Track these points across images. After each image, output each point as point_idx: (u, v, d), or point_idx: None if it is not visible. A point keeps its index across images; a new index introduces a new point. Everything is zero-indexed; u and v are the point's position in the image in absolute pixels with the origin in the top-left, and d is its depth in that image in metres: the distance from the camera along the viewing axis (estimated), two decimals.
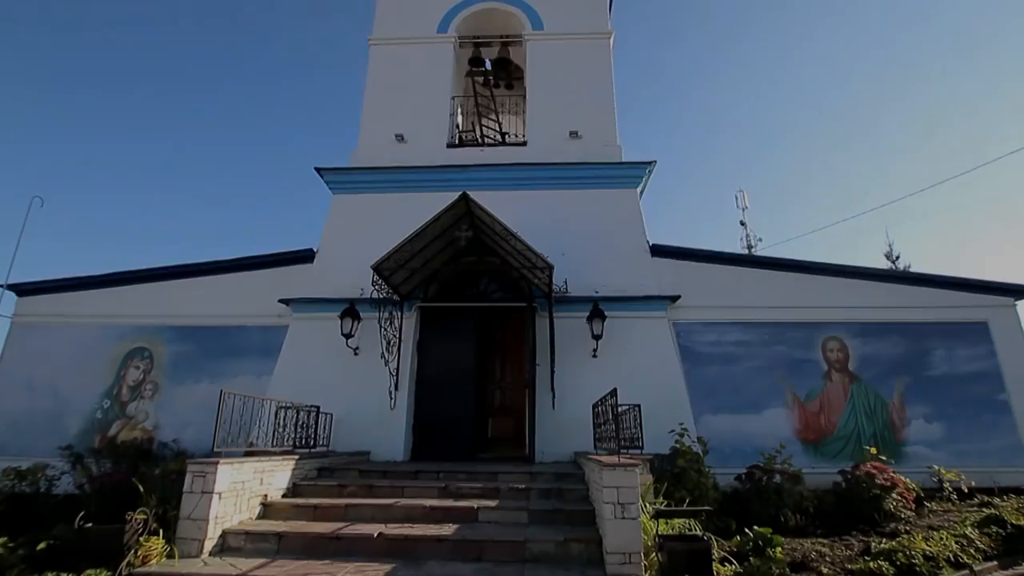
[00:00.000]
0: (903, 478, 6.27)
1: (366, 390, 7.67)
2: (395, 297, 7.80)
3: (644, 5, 46.07)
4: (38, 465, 7.04)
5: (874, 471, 6.14)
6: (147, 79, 36.18)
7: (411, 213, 7.45)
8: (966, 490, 6.92)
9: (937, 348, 8.19)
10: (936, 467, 7.24)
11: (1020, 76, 40.39)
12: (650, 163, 8.85)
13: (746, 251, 18.41)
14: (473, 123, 11.08)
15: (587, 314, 7.63)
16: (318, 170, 9.10)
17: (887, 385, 8.02)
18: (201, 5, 37.51)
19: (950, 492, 6.88)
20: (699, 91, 51.18)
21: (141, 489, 4.88)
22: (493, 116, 10.85)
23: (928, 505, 6.42)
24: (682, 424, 6.68)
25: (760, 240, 18.75)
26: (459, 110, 10.56)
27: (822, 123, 48.31)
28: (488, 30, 10.60)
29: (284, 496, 5.46)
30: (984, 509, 5.99)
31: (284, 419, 6.27)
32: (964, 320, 8.33)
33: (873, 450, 6.96)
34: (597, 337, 7.55)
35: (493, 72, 11.14)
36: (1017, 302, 8.43)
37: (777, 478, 6.16)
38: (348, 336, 7.70)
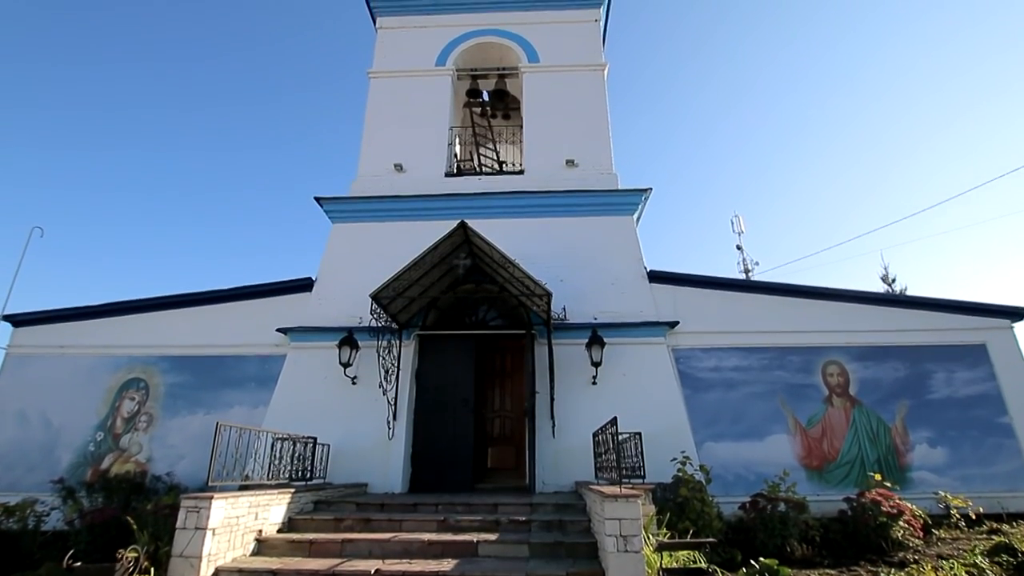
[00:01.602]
0: (910, 505, 6.17)
1: (364, 420, 7.59)
2: (393, 325, 7.79)
3: (640, 33, 47.42)
4: (27, 500, 6.88)
5: (880, 498, 6.05)
6: (149, 114, 36.74)
7: (410, 241, 7.51)
8: (974, 516, 6.81)
9: (937, 371, 8.17)
10: (942, 493, 7.15)
11: (1011, 93, 41.36)
12: (646, 190, 8.97)
13: (743, 275, 18.48)
14: (471, 152, 11.25)
15: (586, 341, 7.61)
16: (318, 199, 9.18)
17: (888, 409, 7.97)
18: (198, 40, 38.42)
19: (958, 519, 6.77)
20: (694, 116, 52.19)
21: (133, 526, 4.77)
22: (490, 145, 11.03)
23: (936, 532, 6.31)
24: (684, 452, 6.60)
25: (757, 264, 18.80)
26: (457, 140, 10.75)
27: (819, 147, 49.17)
28: (485, 63, 10.87)
29: (279, 531, 5.34)
30: (993, 536, 5.89)
31: (280, 451, 6.17)
32: (962, 343, 8.33)
33: (877, 476, 6.88)
34: (596, 364, 7.51)
35: (490, 103, 11.39)
36: (1014, 324, 8.44)
37: (782, 506, 6.06)
38: (346, 365, 7.66)
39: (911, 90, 45.90)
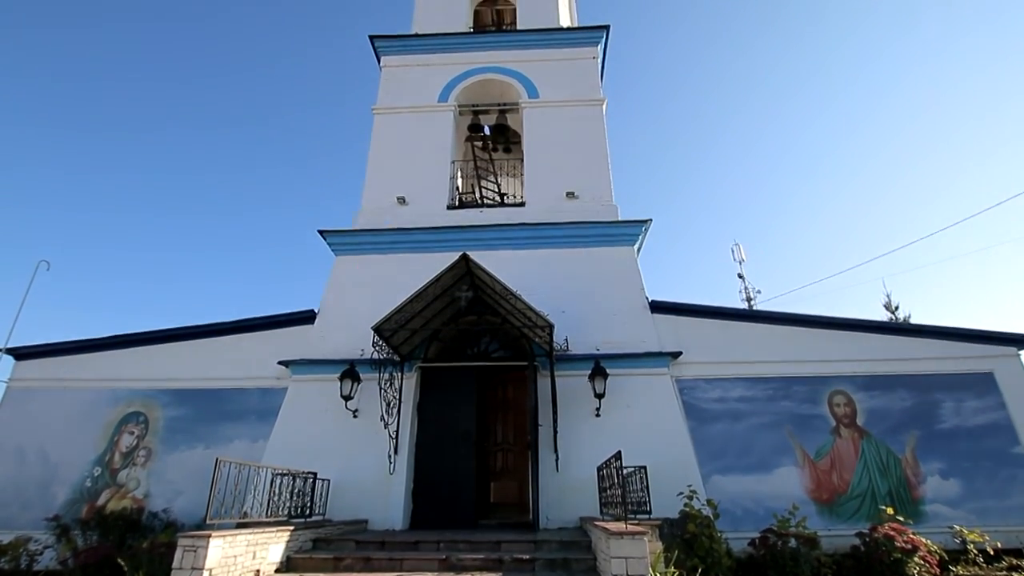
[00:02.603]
0: (924, 540, 6.01)
1: (365, 454, 7.49)
2: (395, 358, 7.76)
3: (640, 64, 48.63)
4: (20, 539, 6.75)
5: (893, 533, 5.89)
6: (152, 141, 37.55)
7: (412, 274, 7.55)
8: (992, 552, 6.60)
9: (945, 400, 8.05)
10: (958, 527, 6.95)
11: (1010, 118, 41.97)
12: (646, 221, 9.06)
13: (745, 303, 18.45)
14: (473, 185, 11.43)
15: (588, 372, 7.56)
16: (321, 232, 9.29)
17: (898, 440, 7.82)
18: (200, 61, 39.53)
19: (975, 554, 6.56)
20: (691, 146, 53.01)
21: (125, 568, 4.65)
22: (492, 178, 11.21)
23: (953, 569, 6.12)
24: (690, 486, 6.46)
25: (759, 292, 18.78)
26: (459, 173, 10.93)
27: (820, 173, 49.73)
28: (486, 99, 11.14)
29: (277, 571, 5.21)
30: (1014, 573, 5.71)
31: (280, 487, 6.08)
32: (969, 371, 8.23)
33: (890, 510, 6.71)
34: (600, 396, 7.44)
35: (492, 137, 11.62)
36: (1021, 351, 8.36)
37: (792, 542, 5.90)
38: (347, 398, 7.60)
39: (915, 113, 46.72)
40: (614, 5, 46.99)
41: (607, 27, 11.23)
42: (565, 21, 12.17)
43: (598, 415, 7.58)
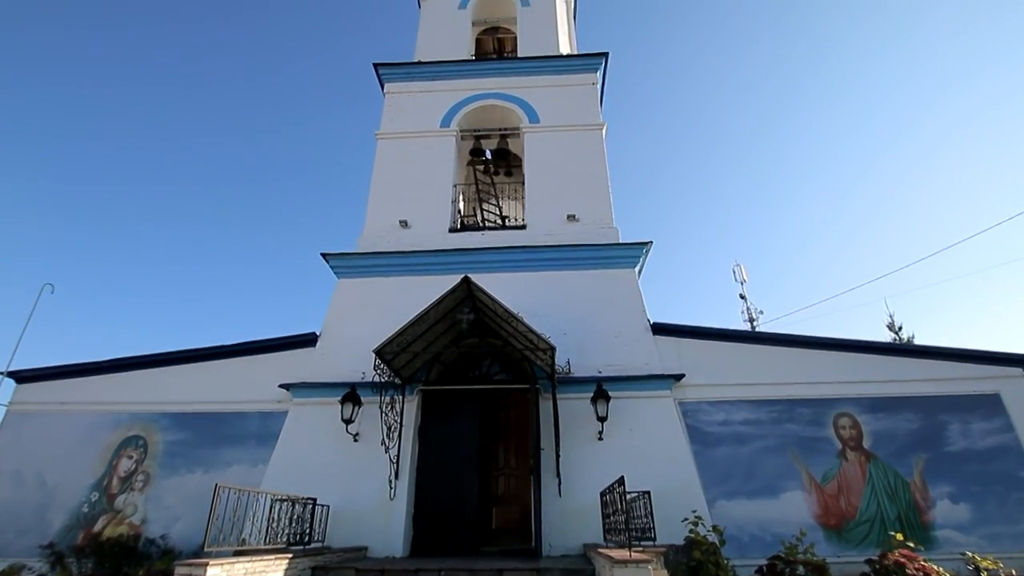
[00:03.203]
0: (936, 567, 5.87)
1: (365, 479, 7.41)
2: (397, 381, 7.73)
3: (638, 87, 49.41)
4: (14, 566, 6.65)
5: (904, 560, 5.77)
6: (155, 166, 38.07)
7: (414, 296, 7.57)
8: None
9: (952, 422, 7.95)
10: (970, 553, 6.79)
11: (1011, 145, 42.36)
12: (646, 243, 9.11)
13: (748, 323, 18.40)
14: (474, 208, 11.54)
15: (591, 395, 7.51)
16: (324, 255, 9.35)
17: (905, 463, 7.70)
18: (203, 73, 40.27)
19: None
20: (690, 165, 53.50)
21: None
22: (493, 201, 11.32)
23: None
24: (695, 511, 6.37)
25: (762, 312, 18.72)
26: (461, 196, 11.05)
27: (820, 194, 50.03)
28: (488, 124, 11.32)
29: None
30: None
31: (279, 513, 6.00)
32: (975, 392, 8.15)
33: (899, 536, 6.57)
34: (602, 419, 7.38)
35: (493, 161, 11.78)
36: None
37: (801, 570, 5.78)
38: (348, 422, 7.55)
39: (917, 125, 47.16)
40: (614, 27, 48.05)
41: (606, 54, 11.47)
42: (565, 48, 12.44)
43: (601, 438, 7.50)
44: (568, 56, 11.74)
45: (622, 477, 4.77)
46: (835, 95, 47.21)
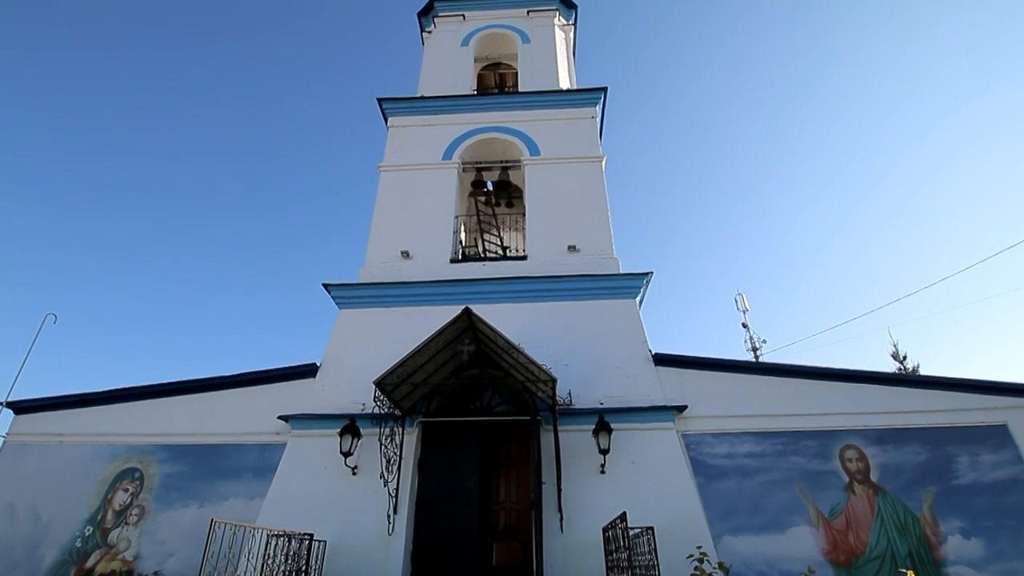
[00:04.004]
0: None
1: (363, 514, 7.27)
2: (396, 412, 7.68)
3: (636, 114, 50.31)
4: None
5: None
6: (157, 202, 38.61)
7: (415, 327, 7.59)
8: None
9: (960, 454, 7.81)
10: None
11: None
12: (647, 274, 9.16)
13: (751, 353, 18.33)
14: (476, 239, 11.65)
15: (592, 427, 7.43)
16: (326, 286, 9.41)
17: (914, 497, 7.54)
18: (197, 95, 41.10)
19: None
20: (690, 193, 54.05)
21: None
22: (495, 232, 11.44)
23: None
24: (700, 547, 6.21)
25: (765, 342, 18.69)
26: (462, 227, 11.18)
27: (821, 222, 50.26)
28: (489, 156, 11.54)
29: None
30: None
31: (275, 549, 5.88)
32: (982, 423, 8.03)
33: (911, 573, 6.38)
34: (604, 451, 7.29)
35: (494, 192, 11.96)
36: None
37: None
38: (347, 455, 7.46)
39: (920, 162, 47.66)
40: (614, 53, 49.26)
41: (604, 89, 11.76)
42: (565, 83, 12.76)
43: (603, 472, 7.39)
44: (568, 91, 12.03)
45: (624, 513, 4.70)
46: (834, 119, 47.94)
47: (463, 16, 13.98)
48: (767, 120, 51.28)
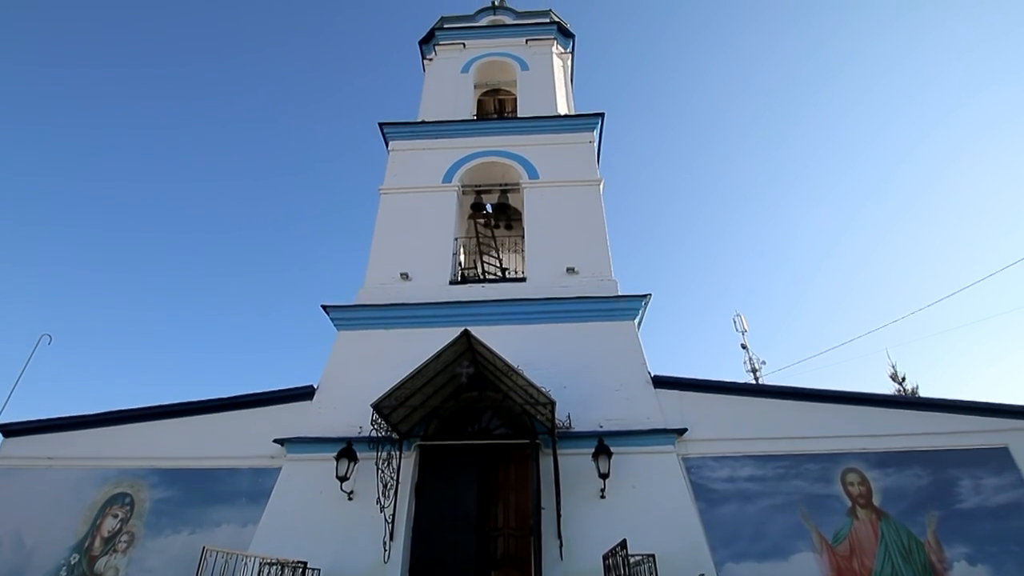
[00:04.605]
0: None
1: (358, 540, 7.12)
2: (394, 436, 7.58)
3: (638, 141, 50.96)
4: None
5: None
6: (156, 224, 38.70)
7: (414, 349, 7.56)
8: None
9: (962, 477, 7.73)
10: None
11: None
12: (645, 296, 9.19)
13: (750, 374, 18.27)
14: (475, 260, 11.71)
15: (592, 450, 7.35)
16: (325, 307, 9.39)
17: (918, 521, 7.44)
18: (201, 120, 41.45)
19: None
20: (689, 215, 54.51)
21: None
22: (494, 254, 11.50)
23: None
24: (703, 575, 6.11)
25: (764, 363, 18.61)
26: (462, 249, 11.24)
27: (822, 246, 50.67)
28: (488, 180, 11.67)
29: None
30: None
31: None
32: (983, 446, 7.96)
33: None
34: (604, 476, 7.19)
35: (494, 215, 12.08)
36: None
37: None
38: (343, 479, 7.33)
39: (921, 185, 48.30)
40: (611, 73, 50.16)
41: (602, 115, 11.98)
42: (563, 108, 13.00)
43: (603, 496, 7.28)
44: (566, 116, 12.25)
45: (624, 540, 4.63)
46: (826, 137, 48.61)
47: (463, 45, 14.33)
48: (764, 134, 52.06)
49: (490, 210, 12.07)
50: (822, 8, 45.70)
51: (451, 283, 9.86)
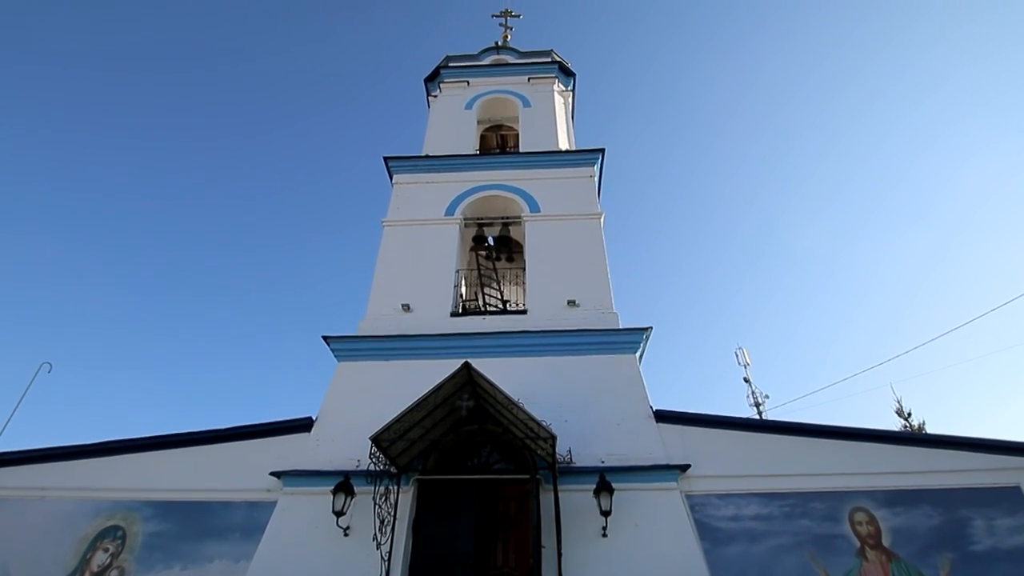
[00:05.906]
0: None
1: None
2: (392, 469, 7.46)
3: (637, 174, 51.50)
4: None
5: None
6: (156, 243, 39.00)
7: (414, 381, 7.51)
8: None
9: (975, 518, 7.51)
10: None
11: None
12: (646, 329, 9.19)
13: (753, 408, 18.03)
14: (476, 292, 11.77)
15: (593, 487, 7.21)
16: (325, 338, 9.40)
17: (930, 564, 7.19)
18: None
19: None
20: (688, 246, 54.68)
21: None
22: (495, 286, 11.56)
23: None
24: None
25: (767, 397, 18.37)
26: (463, 282, 11.32)
27: (825, 278, 50.47)
28: (490, 212, 11.86)
29: None
30: None
31: None
32: (994, 485, 7.77)
33: None
34: (606, 513, 7.03)
35: (495, 247, 12.21)
36: None
37: None
38: (339, 514, 7.18)
39: (924, 210, 48.15)
40: (607, 104, 50.86)
41: (602, 150, 12.24)
42: (564, 143, 13.29)
43: (605, 535, 7.10)
44: (567, 151, 12.52)
45: None
46: (822, 158, 48.77)
47: (467, 82, 14.79)
48: (751, 170, 52.61)
49: (492, 243, 12.21)
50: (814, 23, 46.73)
51: (452, 315, 9.89)
